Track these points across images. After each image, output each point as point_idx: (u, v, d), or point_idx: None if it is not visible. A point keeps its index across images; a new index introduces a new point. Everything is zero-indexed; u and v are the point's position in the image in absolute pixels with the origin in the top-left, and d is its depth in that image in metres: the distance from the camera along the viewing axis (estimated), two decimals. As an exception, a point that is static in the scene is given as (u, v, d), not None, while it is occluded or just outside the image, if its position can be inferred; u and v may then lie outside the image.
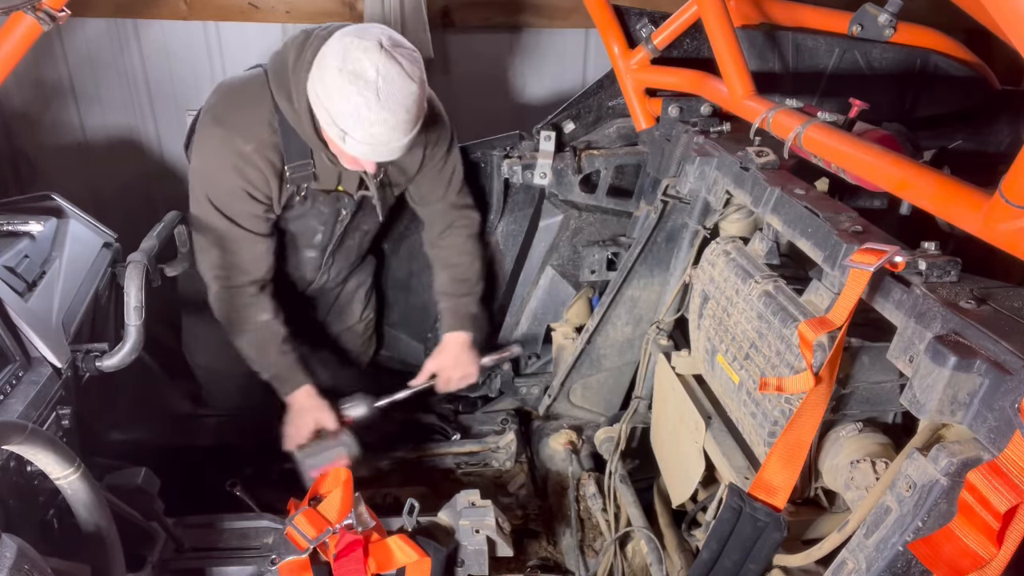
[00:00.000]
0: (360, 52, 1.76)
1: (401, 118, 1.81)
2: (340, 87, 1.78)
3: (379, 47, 1.77)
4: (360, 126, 1.80)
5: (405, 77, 1.78)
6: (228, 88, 2.13)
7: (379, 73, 1.75)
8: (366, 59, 1.75)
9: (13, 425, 1.11)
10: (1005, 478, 0.97)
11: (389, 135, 1.83)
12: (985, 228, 1.19)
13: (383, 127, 1.81)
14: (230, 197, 2.07)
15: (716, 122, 2.31)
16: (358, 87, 1.76)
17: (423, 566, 1.76)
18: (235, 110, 2.05)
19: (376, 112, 1.78)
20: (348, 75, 1.76)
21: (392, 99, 1.77)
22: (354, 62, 1.76)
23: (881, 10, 2.26)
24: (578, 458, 2.50)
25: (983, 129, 2.53)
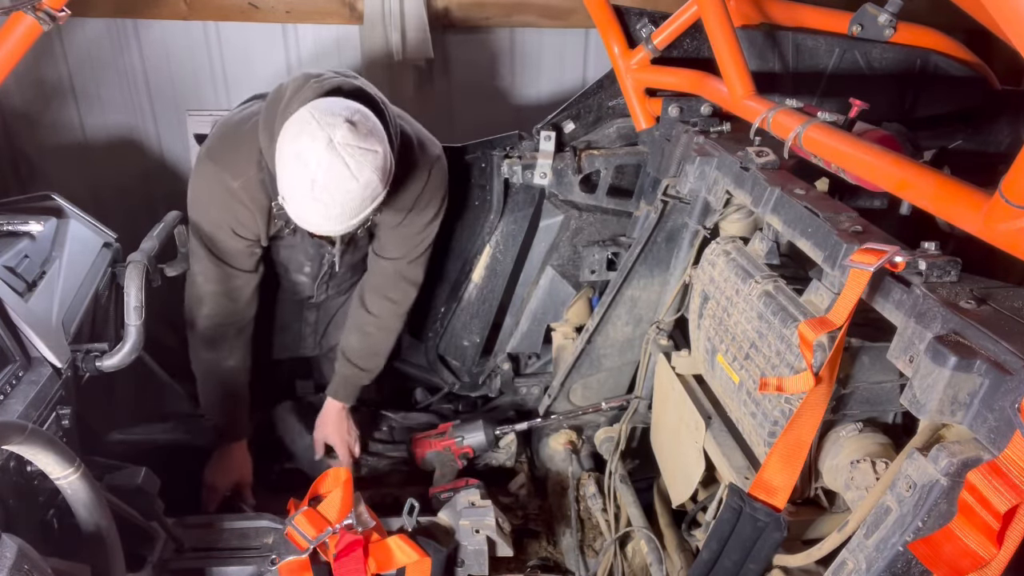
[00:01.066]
0: (310, 138, 1.73)
1: (333, 212, 1.78)
2: (283, 161, 1.78)
3: (328, 142, 1.72)
4: (294, 203, 1.81)
5: (346, 176, 1.74)
6: (225, 124, 2.14)
7: (320, 166, 1.72)
8: (312, 148, 1.72)
9: (13, 425, 1.11)
10: (1005, 478, 0.97)
11: (320, 221, 1.83)
12: (985, 228, 1.19)
13: (314, 215, 1.81)
14: (217, 229, 2.09)
15: (716, 122, 2.31)
16: (298, 168, 1.75)
17: (423, 566, 1.76)
18: (227, 147, 2.07)
19: (307, 200, 1.77)
20: (293, 154, 1.75)
21: (326, 194, 1.75)
22: (302, 145, 1.73)
23: (881, 10, 2.26)
24: (578, 458, 2.50)
25: (983, 129, 2.53)
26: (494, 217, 2.67)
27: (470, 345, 2.87)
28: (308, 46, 3.25)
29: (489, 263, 2.74)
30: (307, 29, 3.21)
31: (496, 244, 2.71)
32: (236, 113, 2.17)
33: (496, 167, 2.58)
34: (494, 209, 2.66)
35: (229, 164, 2.03)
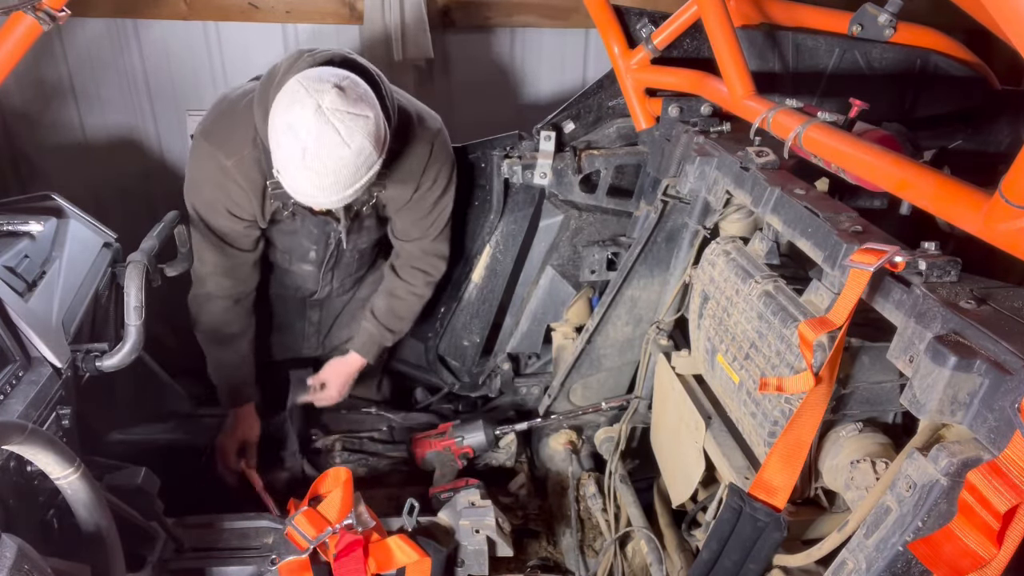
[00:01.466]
0: (299, 107, 1.72)
1: (327, 180, 1.78)
2: (275, 133, 1.78)
3: (316, 108, 1.71)
4: (288, 175, 1.81)
5: (338, 143, 1.73)
6: (222, 101, 2.14)
7: (310, 134, 1.72)
8: (301, 116, 1.72)
9: (13, 425, 1.11)
10: (1005, 478, 0.97)
11: (315, 192, 1.81)
12: (985, 228, 1.19)
13: (308, 184, 1.79)
14: (211, 210, 2.12)
15: (716, 122, 2.31)
16: (288, 139, 1.74)
17: (423, 566, 1.76)
18: (222, 125, 2.06)
19: (300, 170, 1.76)
20: (284, 125, 1.75)
21: (318, 161, 1.74)
22: (293, 114, 1.73)
23: (881, 10, 2.26)
24: (578, 458, 2.50)
25: (983, 129, 2.53)
26: (494, 217, 2.67)
27: (470, 345, 2.87)
28: (308, 46, 3.24)
29: (489, 263, 2.74)
30: (307, 29, 3.21)
31: (496, 244, 2.71)
32: (233, 91, 2.16)
33: (496, 167, 2.58)
34: (494, 209, 2.66)
35: (223, 143, 2.02)
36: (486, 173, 2.61)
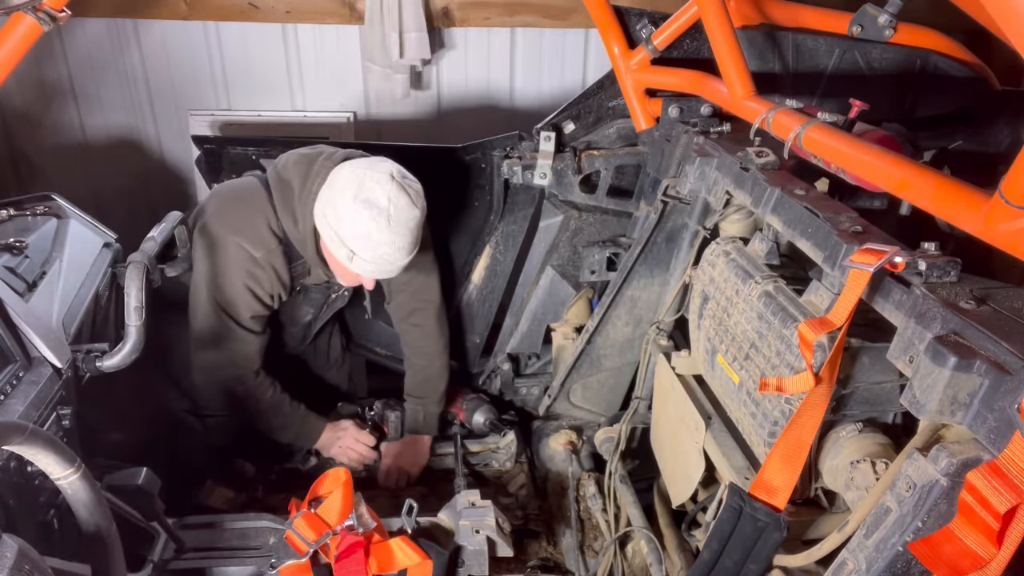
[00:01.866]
0: (374, 183, 1.96)
1: (406, 241, 2.01)
2: (353, 212, 1.95)
3: (391, 178, 1.97)
4: (369, 247, 1.98)
5: (411, 205, 1.99)
6: (228, 196, 2.23)
7: (390, 201, 1.95)
8: (379, 189, 1.95)
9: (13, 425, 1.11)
10: (1005, 478, 0.97)
11: (395, 255, 2.02)
12: (985, 228, 1.19)
13: (390, 248, 1.99)
14: (236, 298, 2.17)
15: (716, 122, 2.31)
16: (371, 213, 1.94)
17: (425, 569, 1.76)
18: (241, 218, 2.16)
19: (386, 235, 1.96)
20: (362, 203, 1.94)
21: (400, 223, 1.97)
22: (368, 191, 1.95)
23: (881, 11, 2.26)
24: (578, 458, 2.50)
25: (983, 129, 2.53)
26: (494, 217, 2.67)
27: (470, 346, 2.87)
28: (308, 46, 3.25)
29: (489, 263, 2.74)
30: (307, 29, 3.22)
31: (496, 244, 2.72)
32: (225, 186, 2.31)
33: (496, 167, 2.58)
34: (494, 209, 2.66)
35: (249, 235, 2.14)
36: (486, 173, 2.61)
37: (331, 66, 3.30)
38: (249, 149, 2.64)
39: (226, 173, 2.66)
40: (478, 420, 2.64)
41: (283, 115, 3.34)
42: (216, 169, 2.65)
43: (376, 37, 3.11)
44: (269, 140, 2.67)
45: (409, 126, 3.41)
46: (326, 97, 3.35)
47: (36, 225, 2.02)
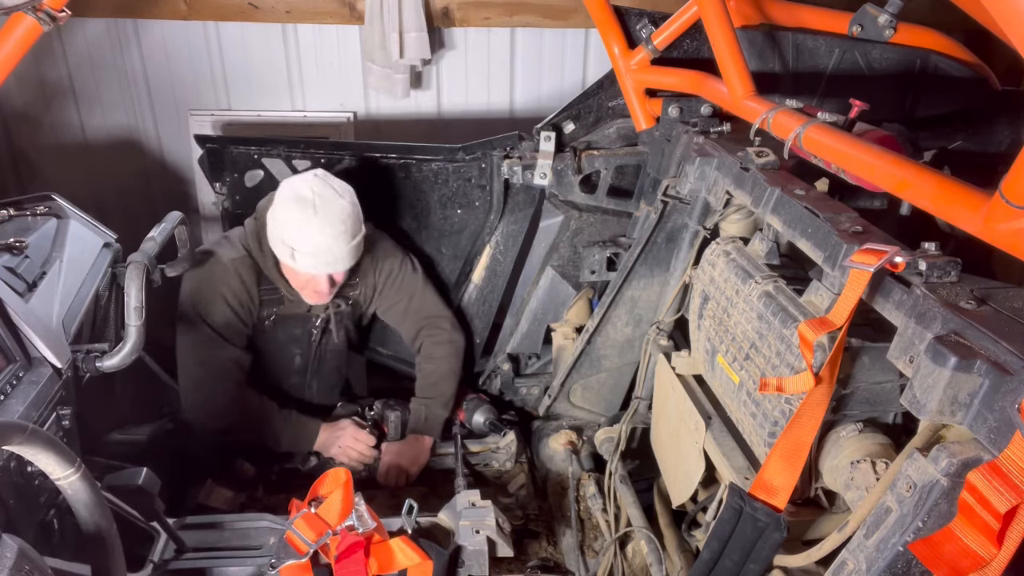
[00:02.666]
0: (299, 181, 2.22)
1: (338, 228, 2.18)
2: (286, 211, 2.18)
3: (314, 176, 2.23)
4: (304, 238, 2.17)
5: (336, 195, 2.21)
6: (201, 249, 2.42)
7: (314, 192, 2.18)
8: (303, 185, 2.20)
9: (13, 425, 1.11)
10: (1005, 478, 0.97)
11: (331, 244, 2.18)
12: (985, 228, 1.19)
13: (322, 236, 2.17)
14: (211, 304, 2.31)
15: (716, 122, 2.31)
16: (299, 206, 2.16)
17: (425, 568, 1.76)
18: (215, 244, 2.41)
19: (315, 222, 2.15)
20: (291, 200, 2.18)
21: (326, 211, 2.17)
22: (295, 190, 2.20)
23: (881, 10, 2.26)
24: (578, 458, 2.50)
25: (983, 129, 2.53)
26: (494, 217, 2.67)
27: (470, 346, 2.87)
28: (308, 46, 3.25)
29: (489, 264, 2.74)
30: (307, 29, 3.22)
31: (496, 245, 2.72)
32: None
33: (496, 167, 2.58)
34: (494, 209, 2.66)
35: (220, 249, 2.36)
36: (486, 174, 2.61)
37: (331, 66, 3.30)
38: (251, 148, 2.64)
39: (228, 172, 2.66)
40: (478, 420, 2.64)
41: (283, 115, 3.35)
42: (218, 168, 2.66)
43: (376, 37, 3.11)
44: (271, 139, 2.68)
45: (409, 126, 3.41)
46: (326, 97, 3.35)
47: (36, 225, 2.02)
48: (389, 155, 2.64)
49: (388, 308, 2.63)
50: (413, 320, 2.63)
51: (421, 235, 2.76)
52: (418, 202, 2.72)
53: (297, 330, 2.50)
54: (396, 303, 2.61)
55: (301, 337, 2.52)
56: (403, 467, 2.46)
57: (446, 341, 2.63)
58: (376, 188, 2.68)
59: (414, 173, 2.66)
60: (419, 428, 2.53)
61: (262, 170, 2.66)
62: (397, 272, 2.58)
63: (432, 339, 2.63)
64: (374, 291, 2.58)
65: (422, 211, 2.73)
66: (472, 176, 2.64)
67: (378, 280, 2.56)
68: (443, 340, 2.63)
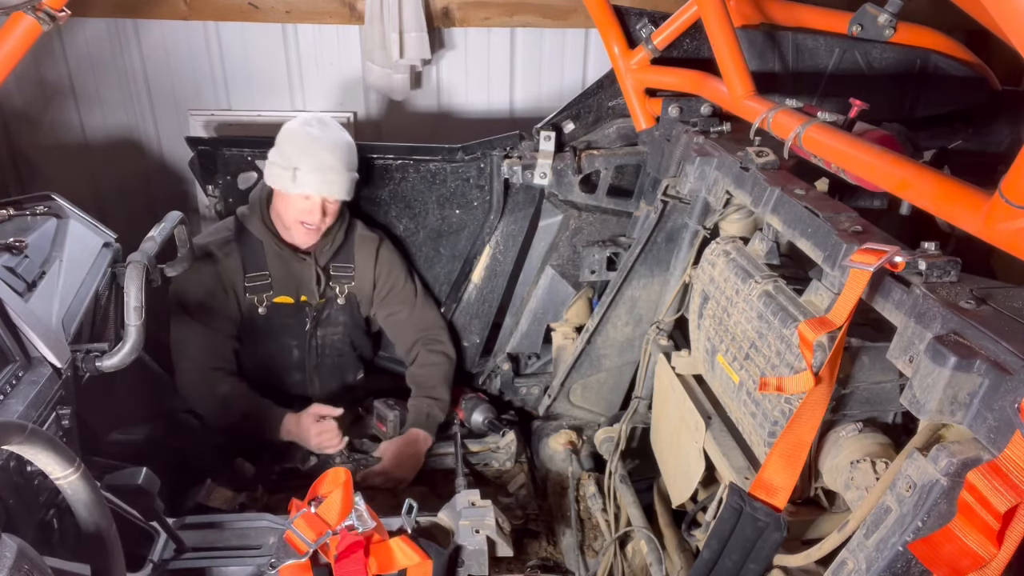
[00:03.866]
0: (304, 116, 2.39)
1: (339, 152, 2.33)
2: (290, 136, 2.33)
3: (316, 117, 2.41)
4: (308, 155, 2.28)
5: (338, 127, 2.42)
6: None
7: (319, 120, 2.39)
8: (307, 118, 2.39)
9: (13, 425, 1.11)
10: (1005, 478, 0.97)
11: (332, 162, 2.31)
12: (985, 228, 1.18)
13: (325, 152, 2.30)
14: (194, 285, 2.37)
15: (716, 122, 2.31)
16: (305, 129, 2.33)
17: (425, 568, 1.76)
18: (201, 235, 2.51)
19: (320, 141, 2.30)
20: (297, 124, 2.35)
21: (330, 135, 2.35)
22: (301, 119, 2.39)
23: (881, 10, 2.26)
24: (578, 458, 2.50)
25: (983, 129, 2.53)
26: (494, 217, 2.67)
27: (470, 346, 2.87)
28: (308, 46, 3.25)
29: (489, 263, 2.74)
30: (307, 29, 3.21)
31: (496, 244, 2.71)
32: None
33: (496, 167, 2.58)
34: (494, 209, 2.66)
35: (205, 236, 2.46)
36: (486, 173, 2.61)
37: (331, 66, 3.30)
38: (244, 150, 2.63)
39: (220, 174, 2.66)
40: (477, 419, 2.64)
41: (283, 115, 3.31)
42: (210, 171, 2.65)
43: (376, 37, 3.11)
44: (264, 140, 2.65)
45: (409, 126, 3.41)
46: (326, 97, 3.35)
47: (36, 225, 2.02)
48: (387, 155, 2.64)
49: (388, 316, 2.67)
50: (412, 330, 2.68)
51: (420, 235, 2.76)
52: (417, 202, 2.72)
53: (290, 320, 2.51)
54: (397, 312, 2.66)
55: (294, 327, 2.53)
56: (398, 477, 2.44)
57: (442, 352, 2.69)
58: (375, 189, 2.68)
59: (412, 173, 2.66)
60: (421, 423, 2.53)
61: (255, 172, 2.66)
62: (400, 276, 2.63)
63: (429, 348, 2.67)
64: (373, 287, 2.61)
65: (421, 211, 2.73)
66: (471, 176, 2.64)
67: (381, 288, 2.61)
68: (440, 350, 2.68)
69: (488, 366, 2.88)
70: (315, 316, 2.54)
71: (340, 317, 2.59)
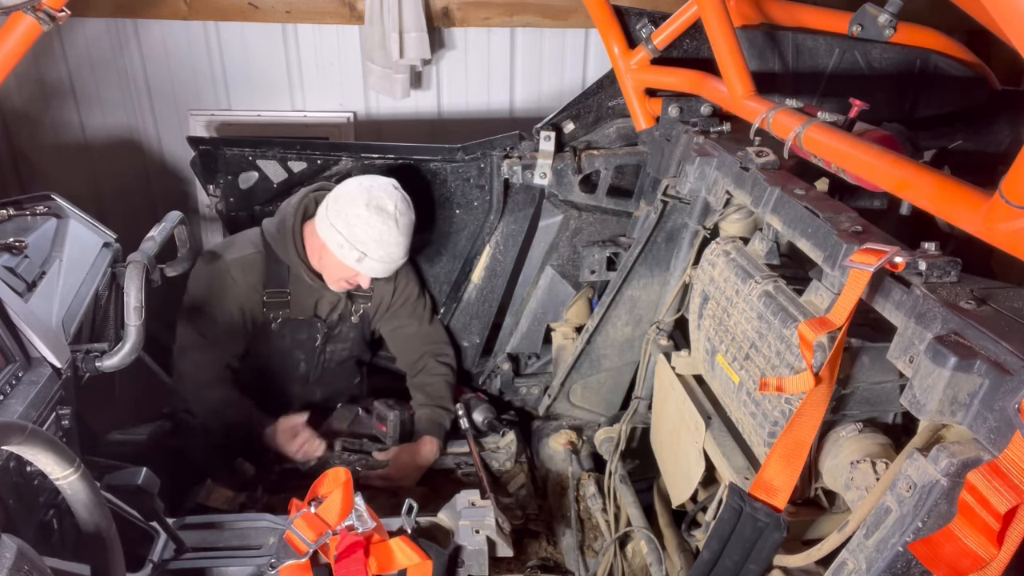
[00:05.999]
0: (381, 192, 2.28)
1: (408, 241, 2.35)
2: (366, 218, 2.25)
3: (394, 188, 2.31)
4: (381, 248, 2.27)
5: (409, 210, 2.34)
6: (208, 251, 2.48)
7: (396, 208, 2.28)
8: (387, 197, 2.28)
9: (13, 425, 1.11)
10: (1005, 478, 0.97)
11: (400, 254, 2.33)
12: (985, 228, 1.18)
13: (397, 248, 2.31)
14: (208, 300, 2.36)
15: (716, 122, 2.30)
16: (382, 218, 2.25)
17: (425, 568, 1.76)
18: (222, 246, 2.48)
19: (394, 236, 2.28)
20: (374, 209, 2.25)
21: (404, 227, 2.31)
22: (377, 199, 2.27)
23: (881, 10, 2.26)
24: (578, 458, 2.50)
25: (983, 129, 2.53)
26: (494, 217, 2.67)
27: (470, 346, 2.87)
28: (308, 46, 3.25)
29: (489, 263, 2.74)
30: (307, 29, 3.22)
31: (496, 244, 2.71)
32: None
33: (496, 167, 2.58)
34: (494, 209, 2.65)
35: (226, 249, 2.42)
36: (486, 173, 2.61)
37: (331, 66, 3.30)
38: (245, 150, 2.63)
39: (221, 174, 2.66)
40: (476, 419, 2.64)
41: (283, 115, 3.35)
42: (211, 170, 2.65)
43: (376, 37, 3.11)
44: (265, 140, 2.66)
45: (409, 126, 3.41)
46: (326, 97, 3.35)
47: (36, 225, 2.02)
48: (387, 156, 2.64)
49: (396, 329, 2.69)
50: (420, 344, 2.70)
51: (419, 235, 2.76)
52: (416, 203, 2.71)
53: (302, 335, 2.51)
54: (406, 325, 2.69)
55: (306, 343, 2.54)
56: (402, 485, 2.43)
57: (449, 364, 2.71)
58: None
59: (412, 174, 2.66)
60: (433, 432, 2.53)
61: (256, 172, 2.66)
62: (416, 289, 2.67)
63: (437, 359, 2.69)
64: (387, 309, 2.64)
65: (421, 212, 2.72)
66: (471, 176, 2.64)
67: (394, 301, 2.63)
68: (447, 362, 2.71)
69: (488, 366, 2.88)
70: (327, 333, 2.55)
71: (351, 333, 2.62)
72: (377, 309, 2.63)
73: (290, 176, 2.64)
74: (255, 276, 2.38)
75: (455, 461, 2.60)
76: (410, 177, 2.67)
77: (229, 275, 2.36)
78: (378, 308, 2.63)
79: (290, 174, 2.65)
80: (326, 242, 2.31)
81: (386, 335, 2.72)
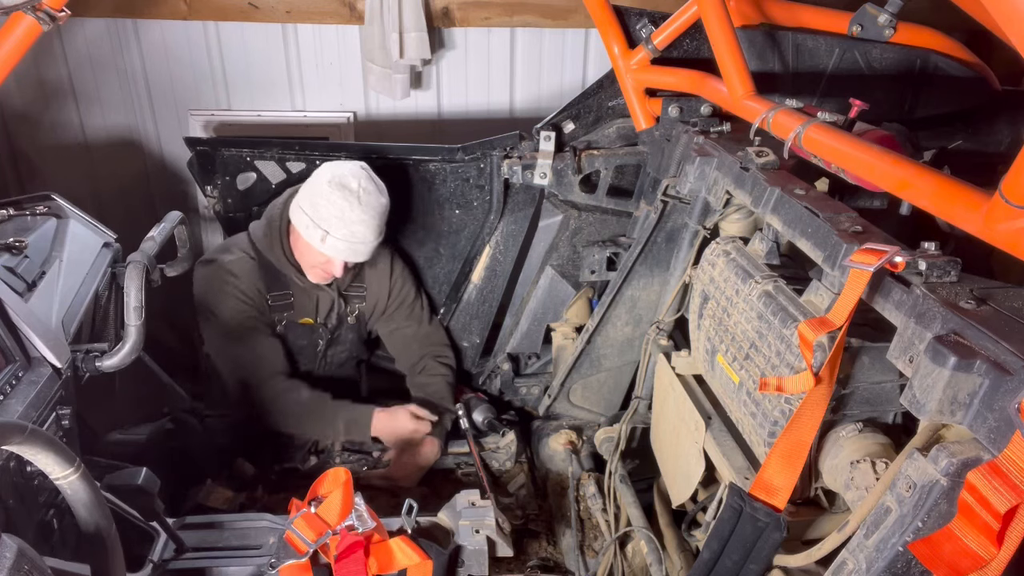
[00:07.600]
0: (346, 171, 2.27)
1: (375, 222, 2.28)
2: (328, 195, 2.24)
3: (361, 169, 2.30)
4: (342, 225, 2.23)
5: (379, 192, 2.30)
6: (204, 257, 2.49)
7: (360, 186, 2.26)
8: (351, 175, 2.27)
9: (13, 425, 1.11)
10: (1005, 478, 0.97)
11: (364, 233, 2.26)
12: (985, 228, 1.18)
13: (361, 226, 2.25)
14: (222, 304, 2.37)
15: (716, 122, 2.30)
16: (344, 194, 2.23)
17: (425, 568, 1.76)
18: (217, 251, 2.48)
19: (357, 213, 2.23)
20: (336, 186, 2.24)
21: (369, 205, 2.25)
22: (340, 177, 2.26)
23: (881, 10, 2.26)
24: (578, 458, 2.50)
25: (983, 129, 2.53)
26: (494, 217, 2.67)
27: (470, 346, 2.87)
28: (308, 46, 3.25)
29: (489, 263, 2.74)
30: (307, 29, 3.22)
31: (496, 244, 2.71)
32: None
33: (496, 167, 2.58)
34: (494, 209, 2.65)
35: (221, 252, 2.43)
36: (486, 173, 2.61)
37: (331, 66, 3.30)
38: (243, 150, 2.63)
39: (219, 175, 2.66)
40: (476, 419, 2.64)
41: (283, 115, 3.35)
42: (209, 171, 2.64)
43: (376, 37, 3.11)
44: (263, 141, 2.65)
45: (409, 126, 3.41)
46: (326, 97, 3.35)
47: (36, 225, 2.02)
48: (386, 156, 2.64)
49: (393, 331, 2.69)
50: (419, 346, 2.71)
51: (419, 236, 2.76)
52: (416, 203, 2.72)
53: (303, 341, 2.53)
54: (404, 327, 2.69)
55: (308, 348, 2.55)
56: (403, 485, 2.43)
57: (449, 365, 2.72)
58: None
59: (412, 174, 2.66)
60: (435, 432, 2.53)
61: (254, 172, 2.66)
62: (412, 287, 2.67)
63: (437, 360, 2.70)
64: (384, 311, 2.64)
65: (420, 212, 2.73)
66: (471, 176, 2.64)
67: (390, 303, 2.64)
68: (447, 363, 2.72)
69: (488, 366, 2.88)
70: (328, 337, 2.57)
71: (349, 335, 2.63)
72: (373, 310, 2.63)
73: (288, 177, 2.64)
74: (254, 277, 2.39)
75: (455, 461, 2.60)
76: (410, 177, 2.67)
77: (233, 274, 2.37)
78: (374, 309, 2.63)
79: (288, 175, 2.64)
80: (295, 225, 2.32)
81: (384, 337, 2.72)
